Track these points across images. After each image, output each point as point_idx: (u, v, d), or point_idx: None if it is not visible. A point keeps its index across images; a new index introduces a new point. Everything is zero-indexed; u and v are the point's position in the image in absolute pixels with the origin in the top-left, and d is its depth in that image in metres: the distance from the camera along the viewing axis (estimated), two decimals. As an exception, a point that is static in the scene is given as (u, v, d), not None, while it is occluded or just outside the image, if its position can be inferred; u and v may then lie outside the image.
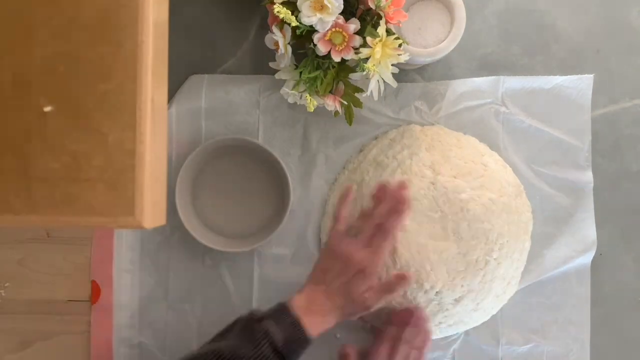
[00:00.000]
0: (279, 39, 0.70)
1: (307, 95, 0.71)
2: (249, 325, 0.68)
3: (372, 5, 0.69)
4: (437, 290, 0.76)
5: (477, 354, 0.82)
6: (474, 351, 0.82)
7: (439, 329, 0.80)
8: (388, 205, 0.72)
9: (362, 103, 0.76)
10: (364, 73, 0.70)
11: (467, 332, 0.82)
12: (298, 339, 0.67)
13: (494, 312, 0.82)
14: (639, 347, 0.83)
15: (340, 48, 0.70)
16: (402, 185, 0.73)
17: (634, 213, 0.83)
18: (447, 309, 0.77)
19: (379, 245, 0.71)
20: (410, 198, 0.73)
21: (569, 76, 0.82)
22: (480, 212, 0.76)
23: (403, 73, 0.80)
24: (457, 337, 0.82)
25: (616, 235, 0.83)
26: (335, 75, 0.73)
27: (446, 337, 0.82)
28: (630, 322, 0.83)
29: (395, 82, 0.73)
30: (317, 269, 0.73)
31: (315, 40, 0.70)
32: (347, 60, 0.72)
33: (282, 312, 0.69)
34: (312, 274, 0.73)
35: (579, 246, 0.82)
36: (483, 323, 0.82)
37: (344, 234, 0.73)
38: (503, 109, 0.82)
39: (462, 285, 0.76)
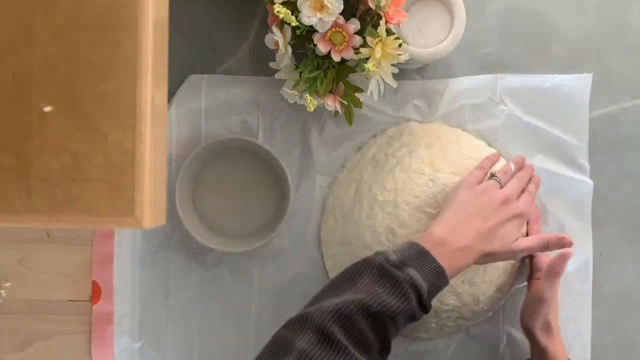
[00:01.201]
0: (279, 39, 0.70)
1: (307, 95, 0.71)
2: (387, 272, 0.61)
3: (372, 5, 0.69)
4: (437, 287, 0.76)
5: (478, 351, 0.82)
6: (475, 349, 0.82)
7: (439, 326, 0.80)
8: (528, 174, 0.76)
9: (362, 103, 0.76)
10: (364, 73, 0.70)
11: (467, 330, 0.82)
12: (440, 286, 0.63)
13: (495, 309, 0.82)
14: (639, 347, 0.83)
15: (340, 48, 0.70)
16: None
17: (634, 213, 0.83)
18: (447, 306, 0.77)
19: (530, 200, 0.73)
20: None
21: (567, 75, 0.82)
22: (479, 208, 0.76)
23: (403, 73, 0.80)
24: (458, 334, 0.83)
25: (616, 235, 0.83)
26: (335, 75, 0.73)
27: (447, 335, 0.82)
28: (630, 322, 0.83)
29: (395, 82, 0.73)
30: (454, 205, 0.70)
31: (315, 40, 0.70)
32: (347, 60, 0.72)
33: (423, 257, 0.63)
34: (451, 206, 0.70)
35: (577, 243, 0.82)
36: (484, 320, 0.82)
37: (490, 179, 0.73)
38: (501, 106, 0.82)
39: (462, 281, 0.76)
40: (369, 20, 0.70)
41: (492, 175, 0.74)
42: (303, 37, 0.70)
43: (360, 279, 0.61)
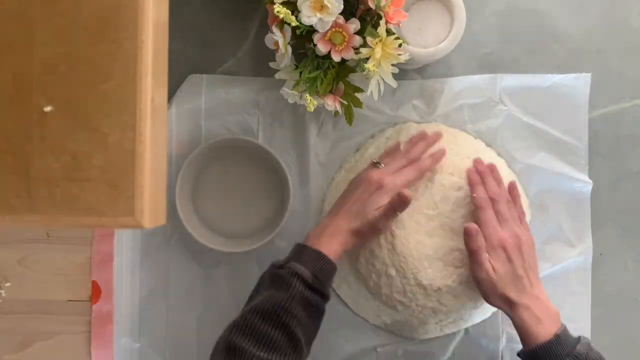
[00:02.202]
0: (279, 39, 0.70)
1: (307, 95, 0.71)
2: (274, 274, 0.68)
3: (372, 5, 0.69)
4: (436, 287, 0.76)
5: (478, 352, 0.82)
6: (474, 349, 0.82)
7: (438, 327, 0.80)
8: (426, 147, 0.77)
9: (362, 103, 0.76)
10: (364, 73, 0.70)
11: (467, 330, 0.82)
12: (323, 268, 0.69)
13: (494, 309, 0.82)
14: (639, 347, 0.83)
15: (340, 48, 0.70)
16: (438, 134, 0.78)
17: (634, 213, 0.83)
18: (446, 306, 0.77)
19: (407, 173, 0.74)
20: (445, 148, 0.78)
21: (566, 75, 0.82)
22: (478, 209, 0.76)
23: (403, 73, 0.80)
24: (457, 334, 0.83)
25: (616, 235, 0.83)
26: (335, 75, 0.73)
27: (446, 335, 0.82)
28: (630, 322, 0.83)
29: (395, 82, 0.73)
30: (339, 198, 0.76)
31: (315, 40, 0.70)
32: (347, 60, 0.72)
33: (300, 251, 0.70)
34: (334, 205, 0.76)
35: (576, 243, 0.82)
36: (483, 320, 0.82)
37: (372, 166, 0.77)
38: (501, 106, 0.82)
39: (460, 282, 0.76)
40: (369, 20, 0.70)
41: (375, 163, 0.77)
42: (303, 37, 0.70)
43: (260, 290, 0.69)
